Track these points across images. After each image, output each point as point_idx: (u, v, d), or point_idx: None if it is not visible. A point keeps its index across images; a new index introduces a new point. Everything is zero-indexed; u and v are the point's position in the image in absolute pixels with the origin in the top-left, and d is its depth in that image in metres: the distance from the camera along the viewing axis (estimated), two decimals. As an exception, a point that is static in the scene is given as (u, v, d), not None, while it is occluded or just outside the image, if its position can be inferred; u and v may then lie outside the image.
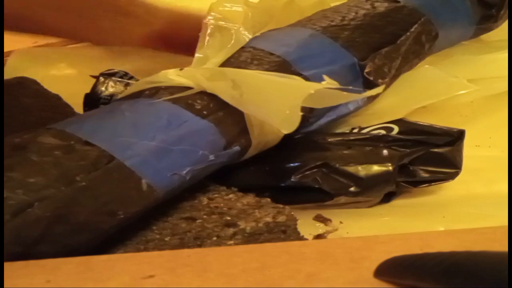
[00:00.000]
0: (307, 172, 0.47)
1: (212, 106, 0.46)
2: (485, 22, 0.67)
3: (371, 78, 0.54)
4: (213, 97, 0.46)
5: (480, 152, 0.56)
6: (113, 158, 0.39)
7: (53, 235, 0.35)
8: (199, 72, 0.48)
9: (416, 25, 0.59)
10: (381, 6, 0.60)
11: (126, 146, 0.40)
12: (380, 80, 0.55)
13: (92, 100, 0.57)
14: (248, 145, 0.46)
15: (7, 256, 0.33)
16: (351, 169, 0.47)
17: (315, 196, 0.47)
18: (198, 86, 0.46)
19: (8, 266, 0.33)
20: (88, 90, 0.58)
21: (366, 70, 0.54)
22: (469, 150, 0.53)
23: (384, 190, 0.48)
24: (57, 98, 0.55)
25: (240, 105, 0.45)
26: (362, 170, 0.47)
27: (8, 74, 0.60)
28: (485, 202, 0.50)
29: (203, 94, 0.46)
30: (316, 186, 0.47)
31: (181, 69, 0.48)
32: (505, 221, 0.45)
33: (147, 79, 0.48)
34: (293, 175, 0.47)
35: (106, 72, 0.62)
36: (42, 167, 0.37)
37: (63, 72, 0.75)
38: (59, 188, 0.36)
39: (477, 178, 0.52)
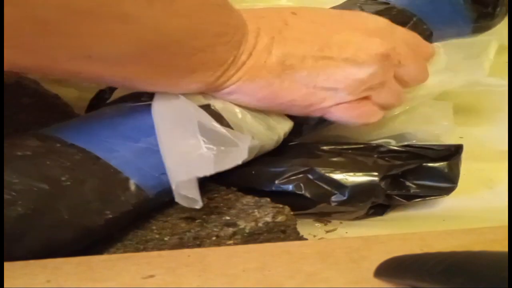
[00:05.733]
0: (292, 178, 0.46)
1: None
2: (482, 20, 0.67)
3: None
4: None
5: (480, 152, 0.56)
6: (99, 158, 0.40)
7: (35, 232, 0.36)
8: None
9: (408, 26, 0.59)
10: (370, 8, 0.60)
11: (111, 147, 0.41)
12: None
13: (97, 104, 0.56)
14: None
15: None
16: (336, 176, 0.46)
17: (298, 202, 0.46)
18: None
19: (8, 266, 0.33)
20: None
21: None
22: (469, 150, 0.54)
23: (368, 201, 0.47)
24: (56, 97, 0.55)
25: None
26: (347, 178, 0.46)
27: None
28: (485, 203, 0.50)
29: None
30: (298, 192, 0.46)
31: None
32: (505, 221, 0.45)
33: None
34: (277, 180, 0.46)
35: None
36: (26, 169, 0.38)
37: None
38: (41, 187, 0.37)
39: (477, 178, 0.52)
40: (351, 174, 0.46)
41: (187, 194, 0.39)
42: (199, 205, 0.40)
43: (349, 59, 0.46)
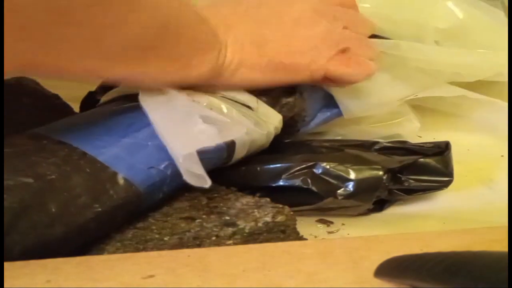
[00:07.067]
0: (297, 173, 0.47)
1: None
2: None
3: None
4: None
5: (480, 152, 0.56)
6: (85, 154, 0.40)
7: (23, 226, 0.36)
8: None
9: None
10: None
11: (98, 143, 0.41)
12: None
13: (89, 104, 0.56)
14: (232, 141, 0.46)
15: None
16: (341, 170, 0.47)
17: (304, 197, 0.47)
18: None
19: (8, 266, 0.33)
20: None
21: None
22: (469, 150, 0.54)
23: (373, 196, 0.47)
24: (56, 97, 0.55)
25: None
26: (352, 172, 0.47)
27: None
28: (485, 203, 0.50)
29: None
30: (305, 187, 0.46)
31: None
32: (504, 221, 0.45)
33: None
34: (283, 175, 0.47)
35: None
36: (13, 165, 0.38)
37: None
38: (27, 181, 0.37)
39: (477, 178, 0.52)
40: (356, 168, 0.47)
41: (191, 169, 0.40)
42: (207, 183, 0.40)
43: (296, 22, 0.50)
